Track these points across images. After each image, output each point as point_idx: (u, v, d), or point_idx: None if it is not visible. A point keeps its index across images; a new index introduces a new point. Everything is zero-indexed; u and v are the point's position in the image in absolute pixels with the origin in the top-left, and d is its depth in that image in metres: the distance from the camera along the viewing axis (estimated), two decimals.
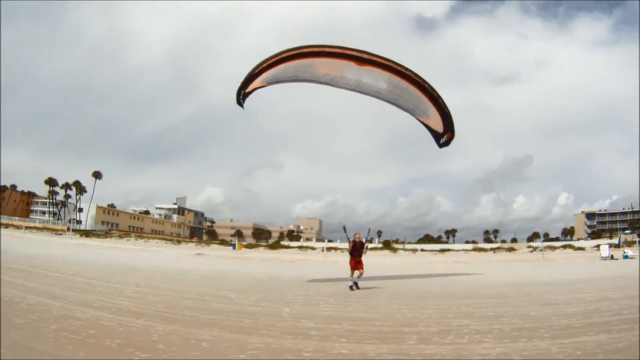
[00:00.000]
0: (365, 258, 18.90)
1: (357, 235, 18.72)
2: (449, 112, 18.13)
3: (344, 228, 19.13)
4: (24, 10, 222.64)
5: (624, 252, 58.98)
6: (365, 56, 17.04)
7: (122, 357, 6.54)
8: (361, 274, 18.08)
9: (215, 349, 7.36)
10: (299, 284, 20.14)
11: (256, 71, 17.13)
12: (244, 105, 17.97)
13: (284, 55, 17.03)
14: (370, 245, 20.82)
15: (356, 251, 18.39)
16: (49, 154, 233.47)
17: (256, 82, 17.65)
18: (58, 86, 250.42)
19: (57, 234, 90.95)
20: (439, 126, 18.78)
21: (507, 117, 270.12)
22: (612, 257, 54.29)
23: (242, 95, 17.65)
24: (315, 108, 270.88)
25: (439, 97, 17.83)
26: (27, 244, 45.47)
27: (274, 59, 17.02)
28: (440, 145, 19.24)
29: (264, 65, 17.06)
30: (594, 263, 47.11)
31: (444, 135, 18.79)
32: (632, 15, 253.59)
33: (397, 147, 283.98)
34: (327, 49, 17.08)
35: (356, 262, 18.11)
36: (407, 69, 17.42)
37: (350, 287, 17.52)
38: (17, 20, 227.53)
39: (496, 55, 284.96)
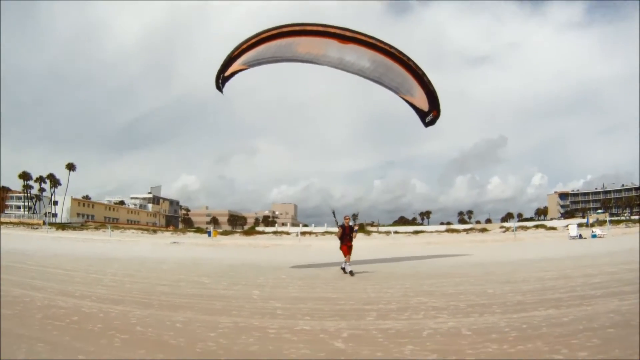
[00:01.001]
0: (337, 242, 19.20)
1: (346, 219, 18.39)
2: (434, 89, 17.67)
3: (333, 212, 18.93)
4: None
5: (593, 232, 60.67)
6: (348, 34, 16.59)
7: (104, 339, 7.20)
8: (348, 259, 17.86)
9: (188, 328, 8.06)
10: (271, 269, 20.84)
11: (235, 53, 16.92)
12: (224, 90, 17.86)
13: (264, 35, 16.69)
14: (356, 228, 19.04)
15: (346, 236, 18.13)
16: (21, 147, 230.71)
17: (236, 65, 17.44)
18: (30, 78, 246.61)
19: (33, 228, 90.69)
20: (424, 104, 18.29)
21: (482, 99, 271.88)
22: (580, 237, 55.98)
23: (221, 79, 17.50)
24: (291, 93, 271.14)
25: (424, 74, 17.40)
26: (4, 239, 45.43)
27: (253, 40, 16.70)
28: (426, 125, 18.69)
29: (244, 46, 16.80)
30: (562, 243, 48.51)
31: (430, 113, 18.28)
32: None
33: (372, 131, 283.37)
34: (308, 28, 16.64)
35: (348, 247, 17.95)
36: (391, 46, 16.97)
37: (350, 272, 17.32)
38: None
39: (471, 38, 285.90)
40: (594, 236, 56.80)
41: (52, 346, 6.71)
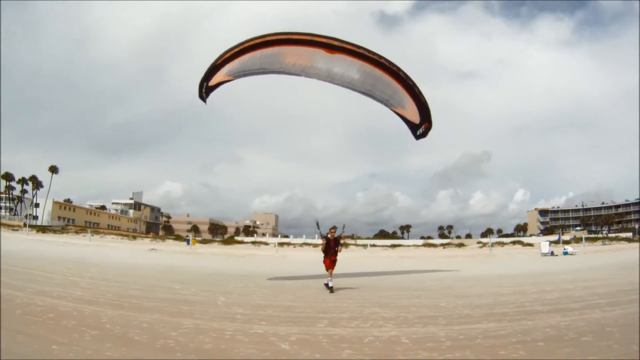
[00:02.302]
0: (313, 253, 19.54)
1: (332, 231, 16.86)
2: (425, 101, 17.07)
3: (317, 223, 17.60)
4: None
5: (564, 249, 61.67)
6: (335, 43, 15.96)
7: (76, 333, 8.14)
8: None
9: (152, 328, 8.99)
10: (242, 277, 21.72)
11: (219, 62, 16.43)
12: (207, 100, 17.49)
13: (249, 44, 16.12)
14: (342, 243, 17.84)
15: (331, 249, 16.76)
16: (5, 148, 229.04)
17: (221, 75, 17.00)
18: (15, 78, 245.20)
19: (14, 230, 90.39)
20: (415, 117, 17.75)
21: (468, 113, 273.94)
22: (552, 254, 56.73)
23: (204, 88, 17.06)
24: (276, 103, 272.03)
25: (415, 85, 16.76)
26: None
27: (237, 49, 16.16)
28: (417, 137, 18.23)
29: (227, 55, 16.28)
30: (533, 259, 49.39)
31: (421, 126, 17.75)
32: (593, 16, 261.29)
33: (357, 142, 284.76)
34: (294, 37, 16.10)
35: (331, 262, 16.60)
36: (380, 56, 16.31)
37: (330, 288, 16.06)
38: None
39: (458, 53, 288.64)
40: (565, 253, 57.70)
41: (30, 337, 7.67)
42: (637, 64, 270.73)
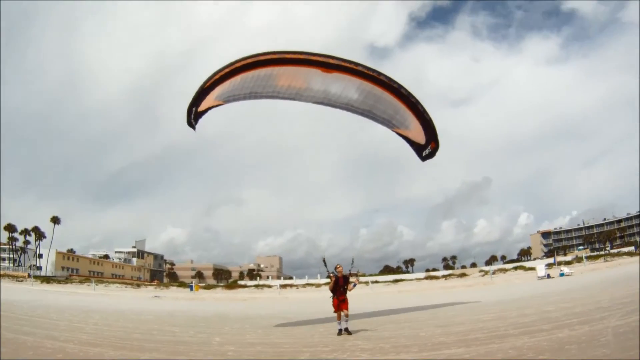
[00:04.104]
0: (318, 293, 19.85)
1: (339, 269, 15.33)
2: (430, 119, 16.18)
3: (324, 261, 16.15)
4: None
5: (561, 270, 62.16)
6: (332, 61, 15.11)
7: None
8: (346, 315, 14.83)
9: None
10: (240, 319, 22.72)
11: (207, 84, 15.29)
12: (196, 126, 16.44)
13: (240, 64, 15.10)
14: (357, 284, 15.96)
15: (339, 287, 15.10)
16: (4, 198, 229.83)
17: (210, 100, 15.93)
18: (15, 125, 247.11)
19: (18, 281, 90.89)
20: (420, 137, 16.89)
21: (464, 140, 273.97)
22: (548, 276, 57.28)
23: (193, 114, 16.01)
24: (275, 139, 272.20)
25: (418, 102, 15.86)
26: None
27: (227, 69, 15.12)
28: (424, 159, 17.34)
29: (216, 77, 15.18)
30: (529, 284, 49.97)
31: (427, 146, 16.88)
32: (580, 31, 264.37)
33: (357, 176, 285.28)
34: (288, 56, 15.17)
35: (340, 301, 14.88)
36: (380, 73, 15.47)
37: (339, 332, 14.64)
38: None
39: (450, 79, 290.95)
40: (562, 275, 58.13)
41: None
42: (630, 72, 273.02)
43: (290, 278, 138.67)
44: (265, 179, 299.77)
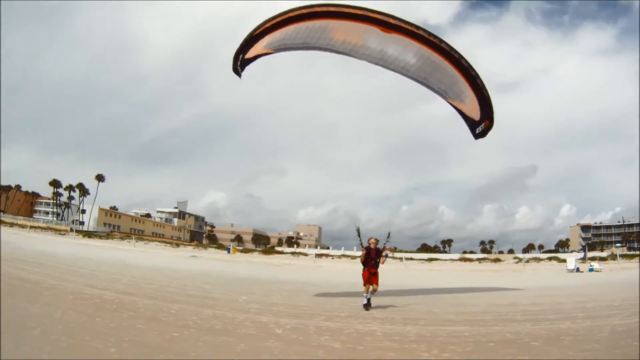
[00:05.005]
0: (348, 265, 19.57)
1: (372, 241, 14.92)
2: (488, 95, 15.30)
3: (358, 231, 15.43)
4: (27, 11, 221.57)
5: (591, 265, 61.90)
6: (393, 22, 14.24)
7: (116, 313, 10.24)
8: (375, 289, 14.50)
9: (178, 313, 10.97)
10: (270, 283, 23.59)
11: (257, 32, 14.53)
12: (242, 74, 15.46)
13: (294, 14, 14.35)
14: (389, 254, 15.30)
15: (371, 260, 14.66)
16: (52, 155, 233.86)
17: (259, 47, 15.16)
18: (63, 88, 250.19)
19: (61, 234, 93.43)
20: (475, 113, 15.97)
21: (511, 126, 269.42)
22: (577, 270, 57.10)
23: (240, 61, 15.13)
24: (318, 114, 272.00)
25: (478, 76, 15.06)
26: (34, 242, 48.93)
27: (279, 18, 14.39)
28: (477, 136, 16.41)
29: (267, 25, 14.42)
30: (558, 275, 49.91)
31: (481, 123, 15.94)
32: (636, 24, 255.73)
33: (400, 155, 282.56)
34: (346, 10, 14.27)
35: (370, 274, 14.49)
36: (441, 40, 14.62)
37: (365, 306, 14.16)
38: (21, 21, 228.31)
39: (500, 64, 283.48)
40: (591, 270, 57.67)
41: (79, 314, 9.73)
42: None
43: (327, 248, 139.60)
44: (307, 154, 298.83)
